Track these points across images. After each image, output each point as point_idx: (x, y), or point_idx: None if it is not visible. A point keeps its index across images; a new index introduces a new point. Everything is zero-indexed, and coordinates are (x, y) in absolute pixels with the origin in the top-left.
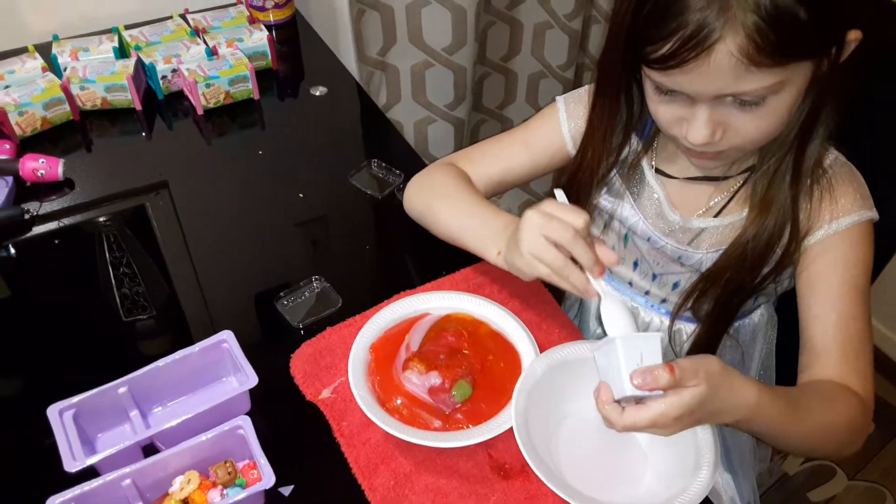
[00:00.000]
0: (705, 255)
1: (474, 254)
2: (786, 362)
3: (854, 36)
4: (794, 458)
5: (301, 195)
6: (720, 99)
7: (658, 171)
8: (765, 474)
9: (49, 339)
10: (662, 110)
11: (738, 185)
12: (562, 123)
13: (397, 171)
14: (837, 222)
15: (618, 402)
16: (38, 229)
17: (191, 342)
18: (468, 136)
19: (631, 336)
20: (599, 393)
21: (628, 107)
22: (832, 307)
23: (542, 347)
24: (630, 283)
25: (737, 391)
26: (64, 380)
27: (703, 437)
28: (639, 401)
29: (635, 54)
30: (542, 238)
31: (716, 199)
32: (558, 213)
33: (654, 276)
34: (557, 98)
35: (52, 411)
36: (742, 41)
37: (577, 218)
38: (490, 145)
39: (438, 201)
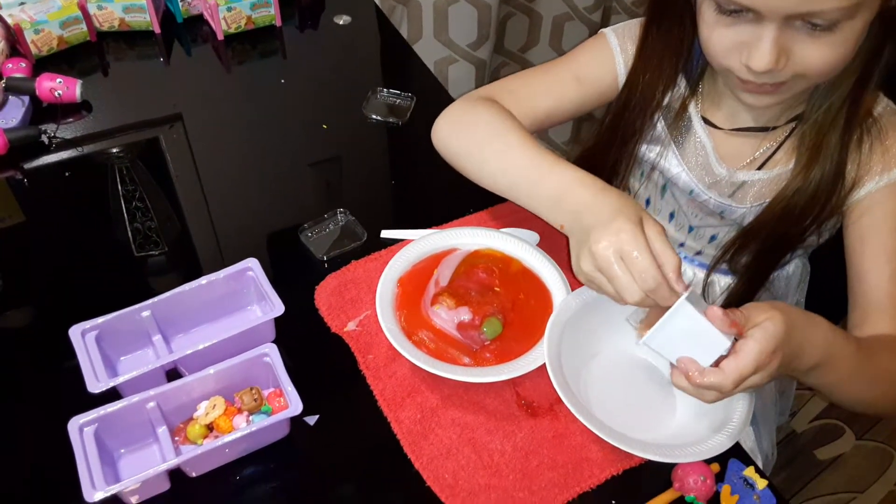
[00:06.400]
0: (749, 209)
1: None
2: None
3: None
4: (802, 416)
5: (324, 126)
6: (790, 21)
7: (703, 119)
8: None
9: (62, 267)
10: (721, 36)
11: (785, 135)
12: (616, 55)
13: (408, 94)
14: (889, 174)
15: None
16: (53, 154)
17: None
18: (489, 78)
19: (690, 298)
20: (687, 369)
21: (680, 40)
22: (886, 262)
23: (574, 288)
24: None
25: (811, 318)
26: (76, 307)
27: None
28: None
29: None
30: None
31: (761, 150)
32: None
33: (691, 229)
34: (604, 30)
35: (75, 332)
36: None
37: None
38: (535, 77)
39: (485, 146)
